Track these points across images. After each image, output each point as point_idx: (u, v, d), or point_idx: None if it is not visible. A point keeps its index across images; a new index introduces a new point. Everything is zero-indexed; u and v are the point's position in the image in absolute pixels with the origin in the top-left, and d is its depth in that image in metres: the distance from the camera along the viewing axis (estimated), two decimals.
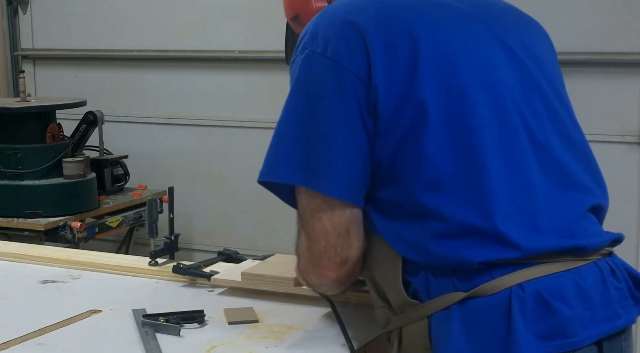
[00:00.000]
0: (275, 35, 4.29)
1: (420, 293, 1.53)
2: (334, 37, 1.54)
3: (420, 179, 1.50)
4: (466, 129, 1.50)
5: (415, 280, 1.53)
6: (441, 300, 1.50)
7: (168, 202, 2.32)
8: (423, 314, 1.52)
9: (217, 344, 1.76)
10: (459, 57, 1.55)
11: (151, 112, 4.62)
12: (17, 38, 4.93)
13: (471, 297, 1.47)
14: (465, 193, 1.48)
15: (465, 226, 1.47)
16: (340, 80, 1.52)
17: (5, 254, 2.46)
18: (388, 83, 1.50)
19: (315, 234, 1.56)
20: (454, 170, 1.49)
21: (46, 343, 1.81)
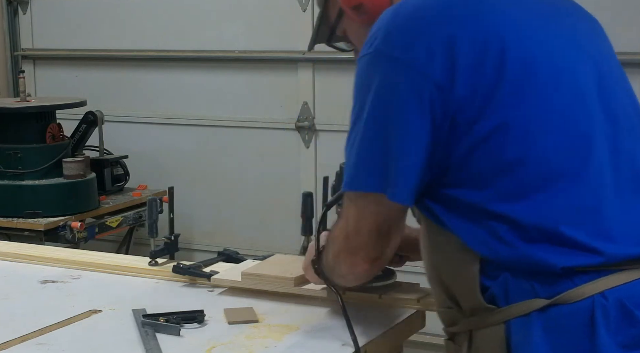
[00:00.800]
0: (275, 35, 4.31)
1: (497, 299, 1.50)
2: (413, 39, 1.50)
3: (501, 184, 1.48)
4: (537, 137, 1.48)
5: (494, 284, 1.50)
6: (520, 306, 1.47)
7: (168, 202, 2.32)
8: (500, 319, 1.50)
9: (217, 344, 1.76)
10: (542, 60, 1.51)
11: (151, 112, 4.62)
12: (17, 38, 4.92)
13: (553, 305, 1.45)
14: (543, 200, 1.46)
15: (546, 231, 1.45)
16: (418, 89, 1.48)
17: (5, 254, 2.46)
18: (472, 90, 1.47)
19: (359, 229, 1.58)
20: (536, 177, 1.47)
21: (46, 343, 1.81)
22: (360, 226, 1.57)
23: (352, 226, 1.58)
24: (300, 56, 4.19)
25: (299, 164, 4.25)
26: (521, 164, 1.46)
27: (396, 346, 1.93)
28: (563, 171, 1.47)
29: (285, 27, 4.22)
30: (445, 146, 1.49)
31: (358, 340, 1.76)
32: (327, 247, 1.71)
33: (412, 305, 1.97)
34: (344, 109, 4.49)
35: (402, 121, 1.49)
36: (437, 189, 1.53)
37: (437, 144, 1.49)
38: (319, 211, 2.12)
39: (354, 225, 1.58)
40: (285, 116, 4.27)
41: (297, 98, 4.24)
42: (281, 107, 4.28)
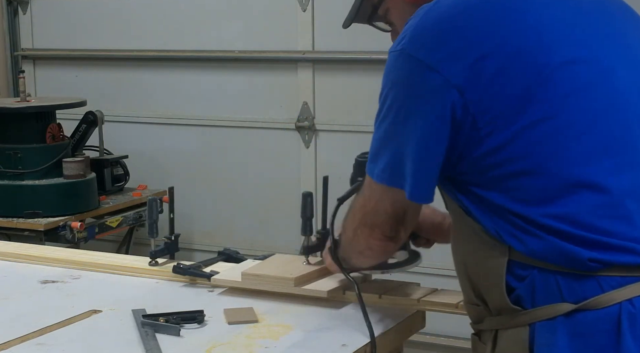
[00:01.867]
0: (275, 35, 4.31)
1: (523, 300, 1.50)
2: (439, 41, 1.50)
3: (525, 188, 1.47)
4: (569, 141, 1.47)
5: (521, 286, 1.50)
6: (546, 310, 1.47)
7: (168, 202, 2.32)
8: (525, 321, 1.49)
9: (217, 344, 1.76)
10: (578, 63, 1.49)
11: (151, 112, 4.62)
12: (17, 38, 4.92)
13: (579, 310, 1.44)
14: (573, 204, 1.45)
15: (574, 230, 1.45)
16: (438, 92, 1.48)
17: (5, 254, 2.46)
18: (497, 95, 1.46)
19: (377, 209, 1.65)
20: (560, 184, 1.46)
21: (46, 343, 1.81)
22: (378, 207, 1.64)
23: (371, 205, 1.66)
24: (300, 56, 4.19)
25: (299, 164, 4.25)
26: (545, 171, 1.46)
27: (396, 346, 1.93)
28: (590, 178, 1.46)
29: (285, 27, 4.22)
30: (464, 148, 1.49)
31: (358, 340, 1.76)
32: (347, 221, 1.77)
33: (412, 305, 1.97)
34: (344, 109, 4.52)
35: (421, 123, 1.51)
36: (463, 185, 1.54)
37: (455, 146, 1.50)
38: (319, 211, 2.12)
39: (373, 205, 1.65)
40: (285, 116, 4.27)
41: (297, 98, 4.24)
42: (281, 107, 4.28)
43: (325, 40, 4.15)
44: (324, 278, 2.07)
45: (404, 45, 1.53)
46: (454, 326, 3.73)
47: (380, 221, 1.66)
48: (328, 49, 4.16)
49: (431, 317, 2.01)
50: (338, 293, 2.02)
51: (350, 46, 4.07)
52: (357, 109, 4.07)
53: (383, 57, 4.44)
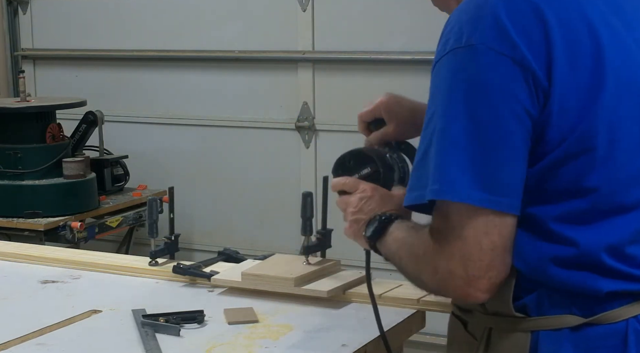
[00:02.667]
0: (275, 35, 4.31)
1: (529, 309, 1.44)
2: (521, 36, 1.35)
3: (568, 208, 1.39)
4: (623, 163, 1.40)
5: (528, 297, 1.44)
6: (553, 320, 1.43)
7: (168, 202, 2.32)
8: (527, 328, 1.44)
9: (217, 344, 1.76)
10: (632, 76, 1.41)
11: (151, 112, 4.62)
12: (17, 38, 4.92)
13: (587, 324, 1.41)
14: (606, 230, 1.40)
15: (595, 259, 1.40)
16: (530, 89, 1.34)
17: (5, 254, 2.46)
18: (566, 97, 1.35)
19: (477, 250, 1.35)
20: (604, 206, 1.40)
21: (46, 343, 1.81)
22: (481, 249, 1.35)
23: (469, 250, 1.35)
24: (300, 56, 4.19)
25: (299, 164, 4.25)
26: (597, 192, 1.39)
27: (396, 346, 1.93)
28: (631, 204, 1.42)
29: (285, 27, 4.22)
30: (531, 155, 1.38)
31: (358, 340, 1.76)
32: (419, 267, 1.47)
33: (412, 305, 1.97)
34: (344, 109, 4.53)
35: (496, 114, 1.34)
36: None
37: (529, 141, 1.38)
38: (319, 211, 2.12)
39: (472, 249, 1.35)
40: (285, 116, 4.27)
41: (297, 98, 4.24)
42: (281, 107, 4.28)
43: (325, 40, 4.15)
44: (324, 278, 2.08)
45: (454, 43, 1.38)
46: None
47: (486, 266, 1.36)
48: (328, 49, 4.16)
49: (431, 317, 2.01)
50: (338, 293, 2.02)
51: (350, 45, 4.07)
52: (357, 109, 4.05)
53: (383, 57, 4.46)
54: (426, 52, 3.89)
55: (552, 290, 1.43)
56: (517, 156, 1.36)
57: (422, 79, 4.27)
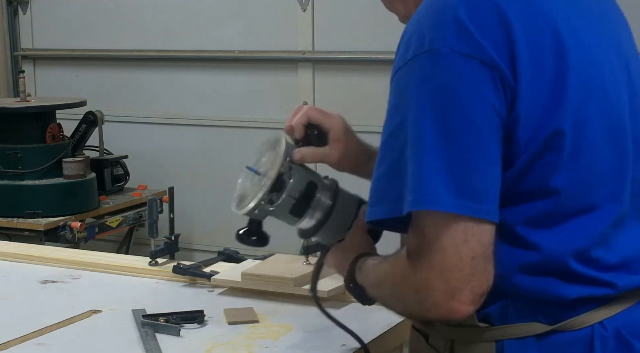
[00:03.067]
0: (275, 35, 4.31)
1: (492, 318, 1.40)
2: (485, 36, 1.31)
3: (535, 211, 1.36)
4: (589, 162, 1.37)
5: (492, 306, 1.40)
6: (517, 328, 1.39)
7: (168, 202, 2.32)
8: (491, 337, 1.39)
9: (217, 344, 1.76)
10: (596, 74, 1.38)
11: (151, 112, 4.62)
12: (17, 38, 4.92)
13: (552, 331, 1.38)
14: (570, 231, 1.37)
15: (560, 263, 1.37)
16: (498, 90, 1.31)
17: (5, 254, 2.46)
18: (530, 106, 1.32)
19: (457, 260, 1.29)
20: (570, 207, 1.36)
21: (46, 343, 1.81)
22: (460, 259, 1.29)
23: (447, 261, 1.29)
24: (300, 56, 4.19)
25: None
26: (562, 192, 1.35)
27: (396, 346, 1.93)
28: (597, 204, 1.38)
29: (285, 27, 4.22)
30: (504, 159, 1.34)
31: None
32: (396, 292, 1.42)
33: None
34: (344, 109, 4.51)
35: (465, 116, 1.30)
36: None
37: None
38: None
39: (450, 260, 1.29)
40: (285, 116, 4.24)
41: (297, 98, 4.23)
42: (281, 107, 4.28)
43: (325, 40, 4.15)
44: (324, 278, 2.07)
45: (416, 49, 1.33)
46: None
47: (467, 277, 1.29)
48: (328, 49, 4.16)
49: None
50: (338, 293, 2.02)
51: (350, 45, 4.08)
52: (357, 109, 4.07)
53: (383, 57, 4.46)
54: None
55: (518, 298, 1.39)
56: (492, 161, 1.31)
57: None
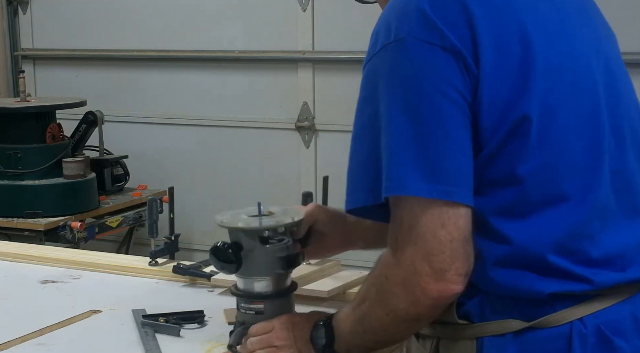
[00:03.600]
0: (275, 35, 4.31)
1: (471, 315, 1.42)
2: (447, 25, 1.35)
3: (504, 200, 1.37)
4: (557, 151, 1.37)
5: (470, 302, 1.42)
6: (496, 325, 1.41)
7: (168, 202, 2.32)
8: (472, 335, 1.42)
9: (217, 344, 1.76)
10: (566, 62, 1.40)
11: (151, 112, 4.62)
12: (17, 38, 4.92)
13: (530, 328, 1.39)
14: (543, 222, 1.37)
15: (536, 256, 1.37)
16: (463, 77, 1.34)
17: (5, 254, 2.46)
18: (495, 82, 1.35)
19: (437, 244, 1.33)
20: (538, 196, 1.37)
21: (46, 343, 1.81)
22: (439, 242, 1.33)
23: (428, 245, 1.33)
24: (300, 56, 4.19)
25: (299, 164, 4.25)
26: (530, 180, 1.36)
27: (396, 346, 1.93)
28: (569, 194, 1.38)
29: (285, 27, 4.22)
30: None
31: None
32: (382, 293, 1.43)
33: None
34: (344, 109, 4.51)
35: (431, 102, 1.34)
36: None
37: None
38: None
39: (430, 243, 1.33)
40: (285, 116, 4.27)
41: (297, 98, 4.24)
42: (281, 107, 4.29)
43: (325, 40, 4.15)
44: (324, 278, 2.07)
45: (384, 40, 1.39)
46: None
47: (449, 258, 1.33)
48: (328, 49, 4.16)
49: None
50: (338, 293, 2.02)
51: (350, 45, 4.08)
52: None
53: None
54: None
55: (493, 295, 1.40)
56: (462, 145, 1.35)
57: None
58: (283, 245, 1.65)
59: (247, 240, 1.64)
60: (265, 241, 1.65)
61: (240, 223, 1.65)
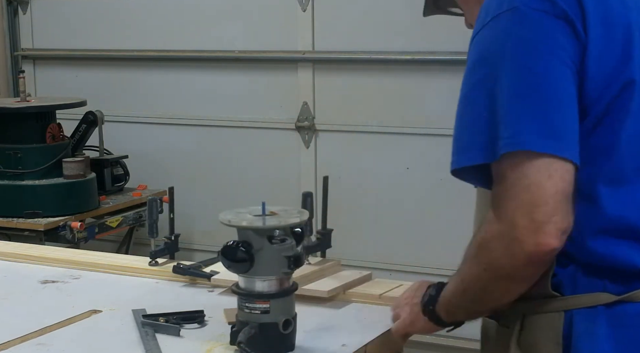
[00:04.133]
0: (275, 35, 4.31)
1: (563, 287, 1.47)
2: None
3: (605, 167, 1.43)
4: None
5: (563, 272, 1.46)
6: (587, 298, 1.45)
7: (168, 202, 2.32)
8: (560, 307, 1.46)
9: (217, 344, 1.76)
10: None
11: (151, 112, 4.62)
12: (17, 38, 4.92)
13: (621, 301, 1.43)
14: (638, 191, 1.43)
15: (631, 226, 1.42)
16: (572, 42, 1.42)
17: (5, 254, 2.46)
18: (599, 59, 1.42)
19: (542, 193, 1.37)
20: (634, 164, 1.43)
21: (46, 343, 1.81)
22: (545, 192, 1.36)
23: (533, 195, 1.37)
24: (300, 56, 4.19)
25: (299, 164, 4.25)
26: (628, 148, 1.42)
27: (396, 346, 1.93)
28: None
29: (285, 27, 4.22)
30: None
31: (358, 340, 1.76)
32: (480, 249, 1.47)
33: None
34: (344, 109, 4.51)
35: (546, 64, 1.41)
36: None
37: None
38: (319, 211, 2.12)
39: (535, 193, 1.37)
40: (285, 116, 4.27)
41: (297, 98, 4.24)
42: (281, 107, 4.28)
43: (325, 40, 4.15)
44: (324, 278, 2.08)
45: (496, 8, 1.46)
46: None
47: (551, 210, 1.36)
48: (328, 49, 4.16)
49: None
50: (338, 293, 2.02)
51: (350, 45, 4.08)
52: (357, 109, 4.07)
53: (383, 57, 4.45)
54: (426, 52, 3.90)
55: (587, 266, 1.44)
56: (572, 105, 1.41)
57: (422, 79, 4.29)
58: (288, 244, 1.66)
59: (257, 238, 1.65)
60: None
61: (248, 222, 1.66)
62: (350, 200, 4.04)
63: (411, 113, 3.97)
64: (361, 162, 4.06)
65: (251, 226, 1.66)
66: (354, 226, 4.05)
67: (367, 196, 4.11)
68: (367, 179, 4.08)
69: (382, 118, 4.02)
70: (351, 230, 3.98)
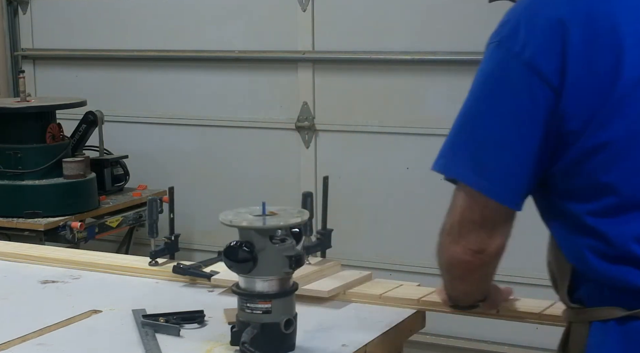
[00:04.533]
0: (275, 35, 4.31)
1: (584, 299, 1.54)
2: (535, 38, 1.46)
3: (597, 202, 1.47)
4: None
5: (583, 287, 1.54)
6: (601, 311, 1.51)
7: (168, 202, 2.32)
8: (585, 319, 1.53)
9: (217, 344, 1.76)
10: None
11: (151, 112, 4.62)
12: (17, 38, 4.92)
13: (631, 317, 1.47)
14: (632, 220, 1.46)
15: (630, 251, 1.46)
16: (533, 90, 1.46)
17: (5, 254, 2.46)
18: (582, 94, 1.44)
19: (458, 219, 1.55)
20: (628, 202, 1.46)
21: (46, 343, 1.81)
22: (465, 220, 1.54)
23: (457, 215, 1.55)
24: (300, 56, 4.19)
25: (299, 164, 4.25)
26: (616, 189, 1.45)
27: (396, 346, 1.93)
28: None
29: (285, 27, 4.22)
30: (552, 153, 1.48)
31: (358, 340, 1.76)
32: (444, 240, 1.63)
33: (412, 305, 1.97)
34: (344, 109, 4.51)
35: (508, 112, 1.48)
36: (542, 194, 1.55)
37: (545, 148, 1.48)
38: (319, 211, 2.12)
39: (459, 214, 1.55)
40: (285, 116, 4.27)
41: (297, 98, 4.24)
42: (281, 107, 4.28)
43: (325, 40, 4.15)
44: (324, 278, 2.08)
45: (503, 38, 1.50)
46: (454, 326, 3.73)
47: (466, 232, 1.55)
48: (328, 49, 4.16)
49: (431, 317, 2.01)
50: (338, 293, 2.02)
51: (350, 45, 4.08)
52: (357, 109, 4.07)
53: (383, 57, 4.44)
54: (426, 52, 3.90)
55: (598, 283, 1.50)
56: (517, 146, 1.48)
57: (422, 79, 4.28)
58: (289, 244, 1.66)
59: (259, 239, 1.65)
60: None
61: (248, 223, 1.66)
62: (350, 200, 4.04)
63: (411, 113, 3.97)
64: (361, 162, 4.06)
65: (253, 226, 1.66)
66: (354, 226, 4.05)
67: (367, 196, 4.11)
68: (367, 179, 4.08)
69: (382, 118, 4.02)
70: (351, 230, 3.98)
